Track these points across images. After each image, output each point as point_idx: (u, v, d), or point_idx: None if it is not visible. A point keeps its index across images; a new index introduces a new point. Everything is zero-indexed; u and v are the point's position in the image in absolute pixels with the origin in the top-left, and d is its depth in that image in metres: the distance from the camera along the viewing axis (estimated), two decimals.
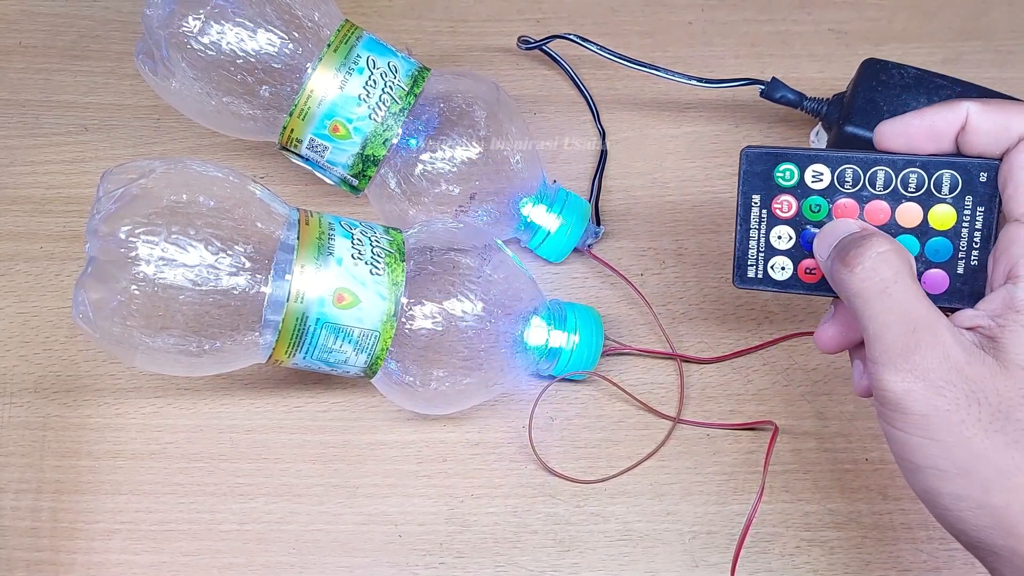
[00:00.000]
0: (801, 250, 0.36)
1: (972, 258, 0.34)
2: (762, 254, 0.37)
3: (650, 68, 0.52)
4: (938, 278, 0.35)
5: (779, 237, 0.37)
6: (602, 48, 0.53)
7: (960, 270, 0.34)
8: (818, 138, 0.53)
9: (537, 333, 0.45)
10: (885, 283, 0.31)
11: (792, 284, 0.37)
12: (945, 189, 0.34)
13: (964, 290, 0.34)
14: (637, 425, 0.48)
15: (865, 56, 0.51)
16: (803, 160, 0.36)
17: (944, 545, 0.44)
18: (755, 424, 0.47)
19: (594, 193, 0.53)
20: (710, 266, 0.51)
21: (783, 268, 0.37)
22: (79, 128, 0.55)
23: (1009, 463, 0.30)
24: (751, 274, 0.37)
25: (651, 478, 0.46)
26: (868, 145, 0.48)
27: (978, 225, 0.34)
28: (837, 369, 0.49)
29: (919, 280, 0.34)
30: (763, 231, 0.37)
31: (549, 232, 0.49)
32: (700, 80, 0.52)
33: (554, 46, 0.55)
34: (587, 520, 0.46)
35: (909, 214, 0.35)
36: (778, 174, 0.36)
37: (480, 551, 0.45)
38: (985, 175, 0.33)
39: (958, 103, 0.33)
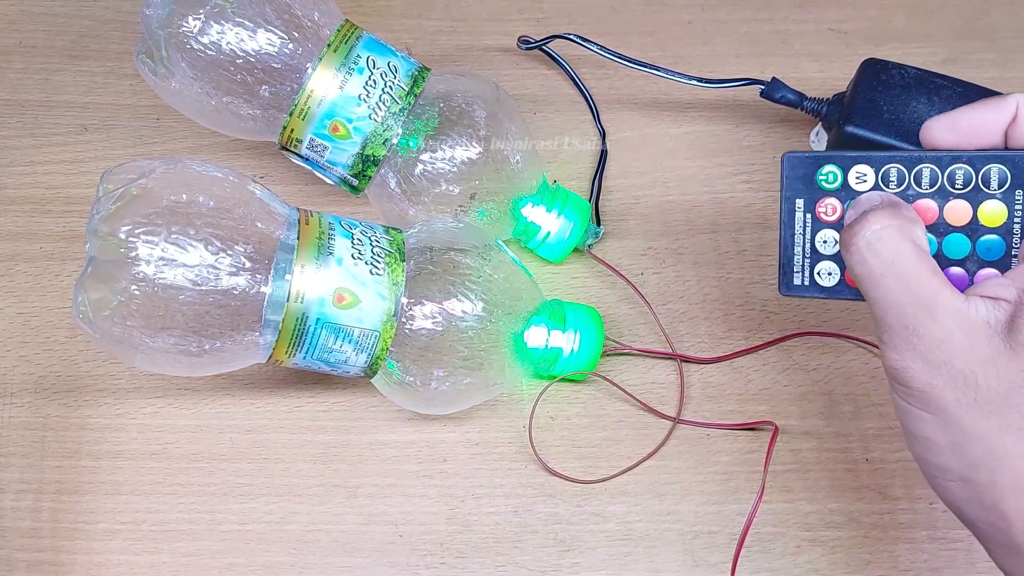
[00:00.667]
0: None
1: None
2: (808, 260, 0.36)
3: (650, 68, 0.52)
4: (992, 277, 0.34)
5: (824, 241, 0.36)
6: (602, 48, 0.53)
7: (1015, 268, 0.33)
8: (818, 138, 0.53)
9: (537, 333, 0.45)
10: (883, 265, 0.31)
11: (839, 290, 0.36)
12: (994, 184, 0.33)
13: None
14: (637, 425, 0.48)
15: (865, 56, 0.51)
16: (846, 162, 0.35)
17: (944, 545, 0.44)
18: (755, 424, 0.47)
19: (594, 193, 0.53)
20: (710, 266, 0.51)
21: (830, 273, 0.36)
22: (79, 128, 0.55)
23: (1000, 446, 0.30)
24: (797, 281, 0.37)
25: (651, 478, 0.46)
26: (868, 145, 0.48)
27: None
28: (837, 369, 0.49)
29: (971, 279, 0.34)
30: (808, 236, 0.36)
31: (549, 232, 0.49)
32: (700, 80, 0.52)
33: (554, 46, 0.55)
34: (587, 520, 0.46)
35: (958, 212, 0.34)
36: (821, 177, 0.35)
37: (481, 551, 0.45)
38: None
39: (1006, 98, 0.32)
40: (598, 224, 0.52)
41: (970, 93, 0.48)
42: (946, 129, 0.33)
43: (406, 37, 0.58)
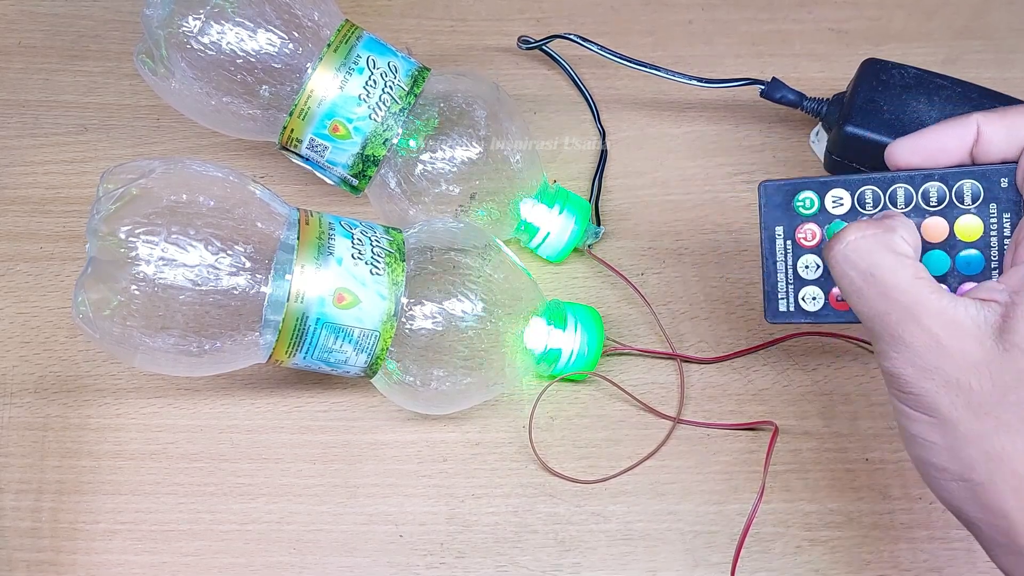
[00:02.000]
0: (831, 278, 0.36)
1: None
2: (791, 286, 0.37)
3: (650, 68, 0.52)
4: None
5: (806, 267, 0.36)
6: (602, 48, 0.53)
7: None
8: (818, 138, 0.53)
9: (537, 333, 0.45)
10: (862, 277, 0.31)
11: (825, 314, 0.36)
12: (968, 199, 0.33)
13: None
14: (637, 425, 0.48)
15: (865, 56, 0.51)
16: (822, 187, 0.35)
17: (944, 545, 0.44)
18: (755, 424, 0.47)
19: (594, 193, 0.53)
20: (710, 266, 0.51)
21: (814, 298, 0.36)
22: (79, 128, 0.55)
23: (996, 447, 0.30)
24: (783, 308, 0.37)
25: (651, 478, 0.46)
26: (869, 144, 0.48)
27: (1007, 232, 0.33)
28: (837, 370, 0.49)
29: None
30: (791, 262, 0.36)
31: (549, 232, 0.49)
32: (700, 80, 0.52)
33: (554, 46, 0.55)
34: (588, 520, 0.46)
35: (935, 229, 0.34)
36: (798, 203, 0.36)
37: (481, 551, 0.45)
38: (1006, 180, 0.33)
39: (967, 117, 0.33)
40: (598, 224, 0.52)
41: (970, 93, 0.48)
42: (908, 151, 0.34)
43: (406, 37, 0.58)
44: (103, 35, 0.58)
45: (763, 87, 0.52)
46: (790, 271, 0.37)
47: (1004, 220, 0.33)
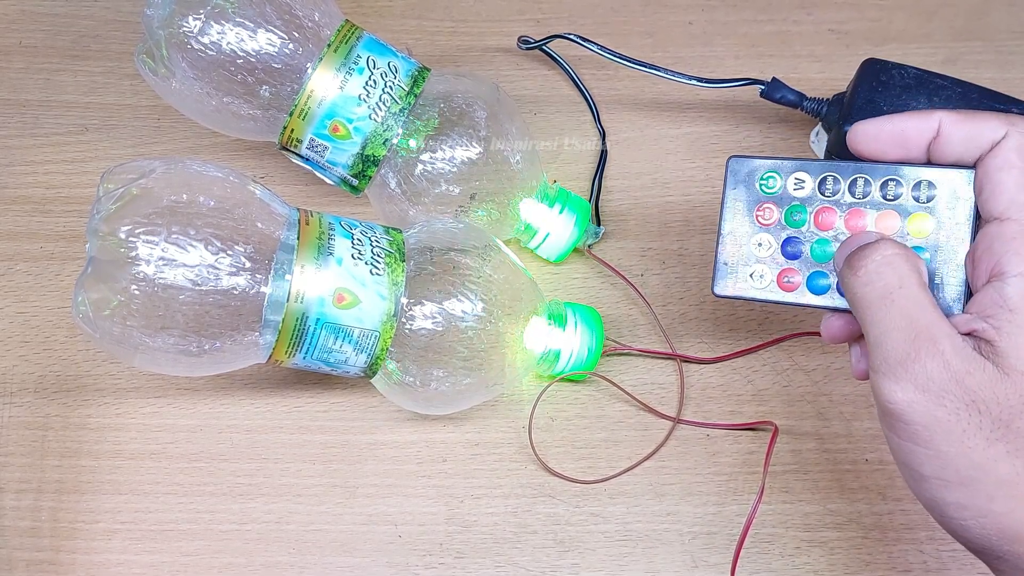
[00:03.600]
0: (782, 258, 0.36)
1: (953, 266, 0.34)
2: (742, 262, 0.37)
3: (650, 68, 0.52)
4: None
5: (759, 244, 0.37)
6: (602, 48, 0.53)
7: (936, 279, 0.34)
8: (818, 138, 0.53)
9: (537, 333, 0.45)
10: (888, 288, 0.31)
11: (770, 292, 0.37)
12: (923, 197, 0.34)
13: (941, 299, 0.34)
14: (637, 425, 0.48)
15: (865, 56, 0.51)
16: (786, 168, 0.36)
17: (944, 545, 0.44)
18: (755, 424, 0.47)
19: (594, 193, 0.53)
20: (710, 266, 0.51)
21: (762, 276, 0.37)
22: (79, 128, 0.55)
23: (1011, 472, 0.29)
24: (731, 283, 0.37)
25: (651, 478, 0.46)
26: None
27: (959, 235, 0.34)
28: (837, 370, 0.49)
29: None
30: (745, 239, 0.37)
31: (549, 232, 0.49)
32: (700, 80, 0.52)
33: (554, 46, 0.55)
34: (587, 520, 0.46)
35: (887, 223, 0.34)
36: (761, 182, 0.37)
37: (480, 551, 0.45)
38: (963, 183, 0.33)
39: (931, 113, 0.33)
40: (598, 224, 0.52)
41: (970, 93, 0.48)
42: (870, 137, 0.34)
43: (406, 37, 0.58)
44: (104, 35, 0.58)
45: (763, 87, 0.52)
46: (744, 247, 0.37)
47: (955, 224, 0.34)
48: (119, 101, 0.56)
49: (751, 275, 0.37)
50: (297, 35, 0.44)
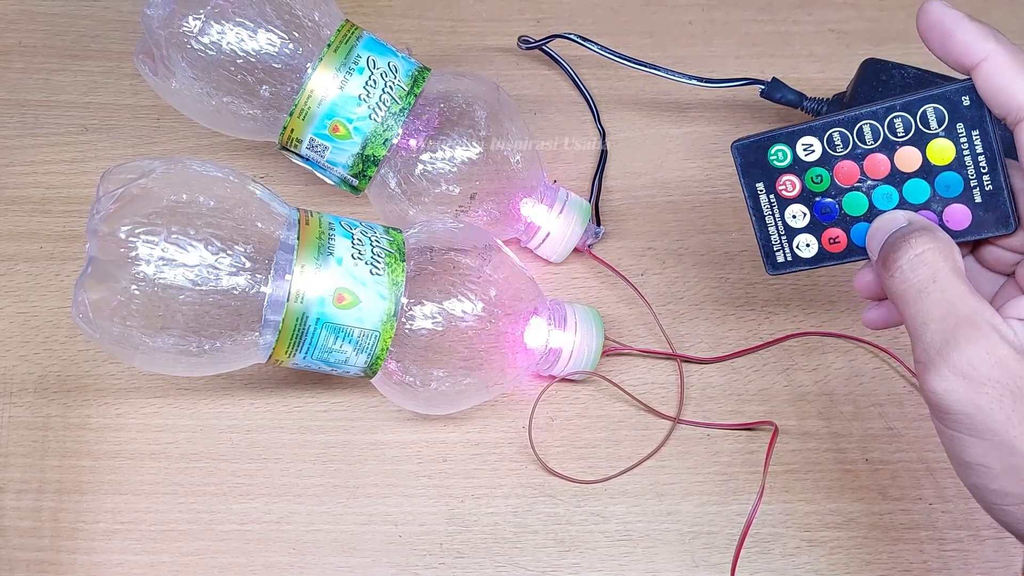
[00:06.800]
0: (819, 222, 0.37)
1: (985, 184, 0.33)
2: (784, 237, 0.38)
3: (650, 68, 0.52)
4: (959, 213, 0.34)
5: (794, 216, 0.37)
6: (602, 48, 0.53)
7: (978, 199, 0.34)
8: None
9: (537, 333, 0.45)
10: (922, 284, 0.31)
11: (822, 257, 0.37)
12: (934, 124, 0.34)
13: (988, 218, 0.34)
14: (637, 425, 0.48)
15: (865, 56, 0.51)
16: (791, 137, 0.36)
17: (944, 545, 0.45)
18: (755, 424, 0.47)
19: (594, 193, 0.53)
20: (710, 266, 0.51)
21: (808, 245, 0.37)
22: (79, 128, 0.55)
23: None
24: (780, 259, 0.38)
25: (651, 478, 0.46)
26: None
27: (979, 149, 0.33)
28: (837, 369, 0.49)
29: (940, 219, 0.34)
30: (778, 215, 0.37)
31: (549, 232, 0.49)
32: (700, 80, 0.52)
33: (554, 46, 0.55)
34: (587, 520, 0.46)
35: (908, 158, 0.34)
36: (772, 157, 0.37)
37: (480, 551, 0.45)
38: (967, 98, 0.33)
39: (987, 39, 0.32)
40: (598, 224, 0.52)
41: None
42: (938, 13, 0.33)
43: (406, 37, 0.58)
44: (103, 35, 0.58)
45: (763, 87, 0.52)
46: (779, 223, 0.37)
47: (974, 137, 0.33)
48: (119, 101, 0.56)
49: (796, 247, 0.38)
50: (297, 35, 0.44)
